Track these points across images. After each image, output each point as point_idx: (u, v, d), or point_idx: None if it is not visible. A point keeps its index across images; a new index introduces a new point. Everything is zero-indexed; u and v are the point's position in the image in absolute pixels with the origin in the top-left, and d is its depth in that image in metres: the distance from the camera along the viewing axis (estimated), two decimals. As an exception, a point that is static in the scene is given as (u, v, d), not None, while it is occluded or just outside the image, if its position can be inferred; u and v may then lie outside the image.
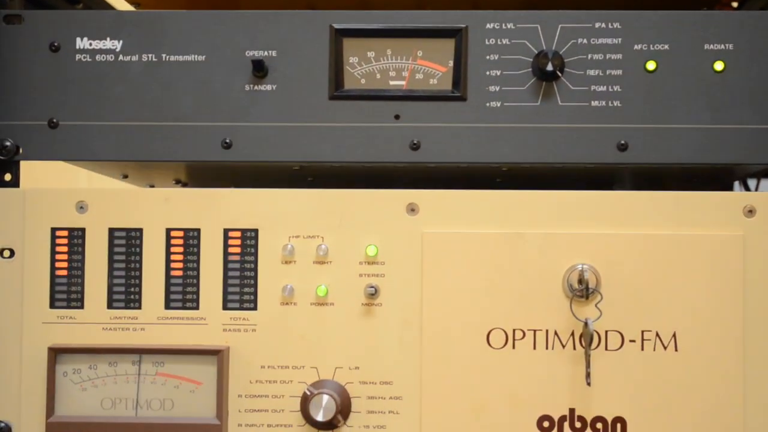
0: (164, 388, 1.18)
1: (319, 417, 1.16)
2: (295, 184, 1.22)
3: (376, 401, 1.19)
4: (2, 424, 1.19)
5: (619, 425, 1.17)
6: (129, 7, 1.67)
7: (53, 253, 1.20)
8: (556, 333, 1.18)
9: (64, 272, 1.19)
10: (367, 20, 1.21)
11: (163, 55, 1.21)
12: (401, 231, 1.19)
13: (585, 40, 1.20)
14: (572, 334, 1.18)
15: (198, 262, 1.19)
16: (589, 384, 1.17)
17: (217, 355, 1.17)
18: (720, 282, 1.17)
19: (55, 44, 1.21)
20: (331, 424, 1.17)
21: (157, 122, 1.21)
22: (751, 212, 1.18)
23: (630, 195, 1.18)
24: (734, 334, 1.17)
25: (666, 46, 1.20)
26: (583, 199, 1.18)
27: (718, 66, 1.20)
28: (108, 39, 1.21)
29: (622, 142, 1.19)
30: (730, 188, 1.45)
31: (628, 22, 1.20)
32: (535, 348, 1.18)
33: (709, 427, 1.17)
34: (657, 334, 1.17)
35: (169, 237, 1.19)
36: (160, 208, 1.20)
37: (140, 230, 1.20)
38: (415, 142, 1.20)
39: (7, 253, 1.20)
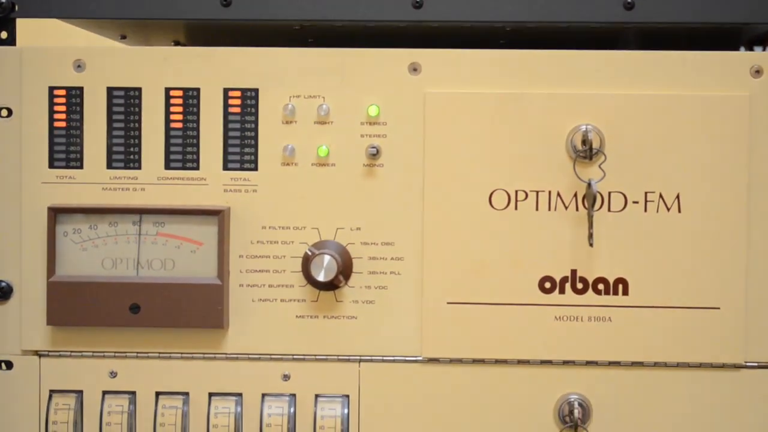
0: (165, 248, 1.17)
1: (321, 277, 1.16)
2: (295, 45, 1.20)
3: (377, 262, 1.18)
4: (3, 284, 1.19)
5: (620, 286, 1.17)
6: None
7: (51, 112, 1.18)
8: (558, 194, 1.17)
9: (63, 132, 1.18)
10: None
11: None
12: (403, 91, 1.17)
13: None
14: (575, 195, 1.17)
15: (198, 122, 1.18)
16: (591, 245, 1.16)
17: (218, 215, 1.17)
18: (725, 143, 1.16)
19: None
20: (333, 284, 1.17)
21: (155, -21, 1.19)
22: (758, 72, 1.16)
23: (635, 55, 1.16)
24: (738, 195, 1.16)
25: None
26: (588, 59, 1.17)
27: None
28: None
29: (629, 0, 1.17)
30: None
31: None
32: (537, 209, 1.17)
33: (711, 288, 1.16)
34: (660, 196, 1.16)
35: (168, 96, 1.18)
36: (159, 67, 1.18)
37: (139, 89, 1.18)
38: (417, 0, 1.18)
39: (4, 113, 1.19)
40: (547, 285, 1.17)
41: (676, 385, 1.17)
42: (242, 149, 1.18)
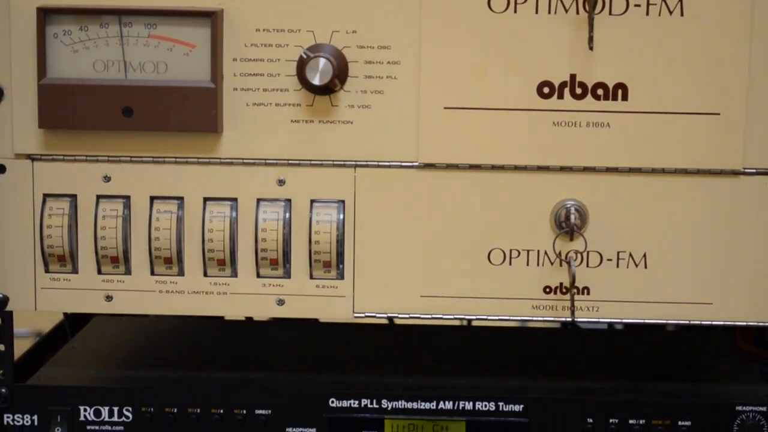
0: (157, 50, 1.15)
1: (316, 81, 1.14)
2: None
3: (373, 66, 1.16)
4: (-3, 95, 1.17)
5: (620, 91, 1.15)
6: None
7: None
8: (559, -4, 1.14)
9: (50, -70, 1.15)
10: None
11: None
12: None
13: None
14: (576, -4, 1.14)
15: None
16: (591, 49, 1.14)
17: (211, 17, 1.14)
18: (731, -56, 1.13)
19: None
20: (328, 88, 1.15)
21: None
22: None
23: None
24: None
25: None
26: None
27: None
28: None
29: None
30: None
31: None
32: (537, 12, 1.14)
33: (711, 94, 1.15)
34: (663, -1, 1.14)
35: None
36: None
37: None
38: None
39: None
40: (546, 90, 1.16)
41: (674, 191, 1.17)
42: (235, -48, 1.15)
